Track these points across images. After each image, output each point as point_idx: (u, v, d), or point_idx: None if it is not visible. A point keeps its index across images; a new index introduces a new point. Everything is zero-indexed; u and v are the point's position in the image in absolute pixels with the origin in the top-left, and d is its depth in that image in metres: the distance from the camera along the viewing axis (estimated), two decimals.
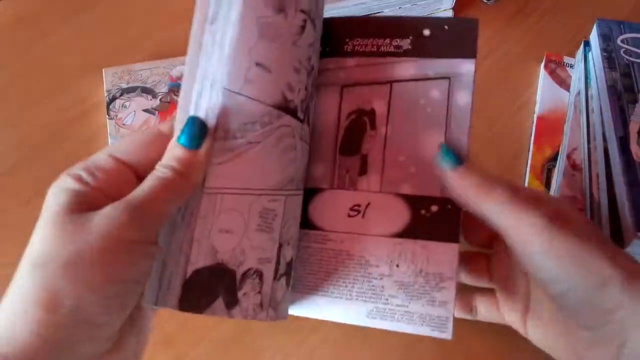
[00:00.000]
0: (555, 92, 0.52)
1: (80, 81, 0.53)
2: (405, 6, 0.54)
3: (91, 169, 0.27)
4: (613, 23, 0.50)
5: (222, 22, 0.30)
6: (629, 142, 0.43)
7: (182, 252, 0.28)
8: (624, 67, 0.47)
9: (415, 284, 0.34)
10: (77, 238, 0.24)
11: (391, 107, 0.35)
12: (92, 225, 0.24)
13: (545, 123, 0.51)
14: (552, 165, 0.48)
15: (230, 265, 0.29)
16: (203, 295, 0.28)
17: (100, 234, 0.24)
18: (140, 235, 0.25)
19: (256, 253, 0.30)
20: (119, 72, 0.52)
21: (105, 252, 0.24)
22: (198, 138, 0.27)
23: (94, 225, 0.24)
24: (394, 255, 0.34)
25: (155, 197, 0.26)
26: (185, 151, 0.27)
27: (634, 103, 0.45)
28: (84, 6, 0.59)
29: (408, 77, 0.35)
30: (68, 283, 0.23)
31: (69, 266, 0.24)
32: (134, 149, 0.28)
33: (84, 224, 0.24)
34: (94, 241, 0.24)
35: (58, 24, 0.57)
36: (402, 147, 0.35)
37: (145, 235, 0.25)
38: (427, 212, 0.34)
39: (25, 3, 0.59)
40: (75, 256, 0.24)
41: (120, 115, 0.49)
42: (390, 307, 0.34)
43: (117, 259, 0.24)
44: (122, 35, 0.57)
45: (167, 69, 0.52)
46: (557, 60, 0.54)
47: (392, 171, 0.35)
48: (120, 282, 0.25)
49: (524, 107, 0.53)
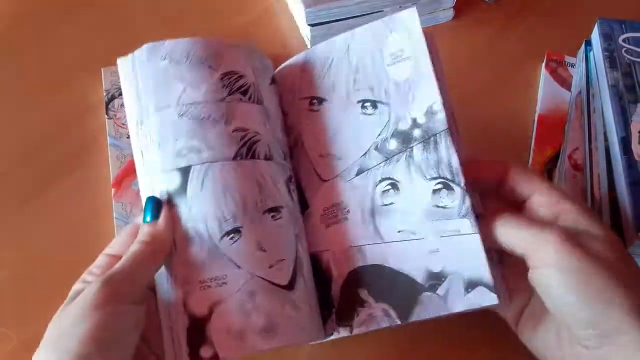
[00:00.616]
0: (556, 92, 0.52)
1: (79, 81, 0.53)
2: (406, 5, 0.54)
3: (91, 270, 0.34)
4: (614, 22, 0.50)
5: (147, 122, 0.36)
6: (631, 142, 0.43)
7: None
8: (626, 66, 0.47)
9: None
10: (62, 321, 0.30)
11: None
12: (73, 304, 0.30)
13: (546, 123, 0.51)
14: (553, 166, 0.48)
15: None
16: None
17: (79, 308, 0.29)
18: (117, 299, 0.30)
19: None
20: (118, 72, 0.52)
21: (84, 318, 0.29)
22: (155, 211, 0.34)
23: (75, 304, 0.30)
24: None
25: (129, 266, 0.32)
26: (147, 225, 0.34)
27: (636, 103, 0.45)
28: (82, 5, 0.58)
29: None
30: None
31: (56, 345, 0.29)
32: (119, 244, 0.35)
33: (69, 307, 0.30)
34: (73, 316, 0.29)
35: (57, 24, 0.57)
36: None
37: (121, 298, 0.30)
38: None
39: (24, 2, 0.58)
40: (58, 335, 0.30)
41: (120, 115, 0.49)
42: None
43: (94, 322, 0.29)
44: (121, 34, 0.57)
45: None
46: (558, 59, 0.54)
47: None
48: (108, 341, 0.29)
49: (525, 106, 0.53)
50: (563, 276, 0.29)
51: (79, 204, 0.47)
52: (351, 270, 0.36)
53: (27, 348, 0.40)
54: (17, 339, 0.41)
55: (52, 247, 0.45)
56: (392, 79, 0.37)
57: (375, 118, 0.37)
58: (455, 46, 0.57)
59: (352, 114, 0.38)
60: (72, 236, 0.45)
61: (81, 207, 0.47)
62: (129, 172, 0.46)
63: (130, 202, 0.45)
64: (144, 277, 0.33)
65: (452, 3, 0.56)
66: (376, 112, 0.37)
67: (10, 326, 0.41)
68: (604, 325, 0.29)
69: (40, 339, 0.40)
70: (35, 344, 0.40)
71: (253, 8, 0.58)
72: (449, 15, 0.58)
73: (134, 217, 0.44)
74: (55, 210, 0.46)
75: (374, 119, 0.37)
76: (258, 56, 0.39)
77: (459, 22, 0.58)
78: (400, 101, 0.36)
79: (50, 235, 0.45)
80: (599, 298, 0.29)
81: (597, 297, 0.29)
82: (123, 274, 0.31)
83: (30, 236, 0.45)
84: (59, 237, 0.45)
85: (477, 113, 0.52)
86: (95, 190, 0.47)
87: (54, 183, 0.48)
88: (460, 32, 0.58)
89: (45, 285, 0.43)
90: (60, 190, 0.47)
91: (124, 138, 0.48)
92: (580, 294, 0.29)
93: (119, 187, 0.46)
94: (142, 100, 0.36)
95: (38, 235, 0.45)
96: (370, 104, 0.37)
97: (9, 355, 0.40)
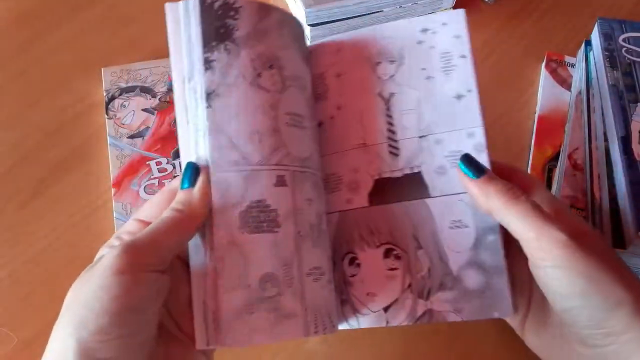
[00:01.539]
0: (556, 92, 0.52)
1: (79, 81, 0.53)
2: (406, 5, 0.54)
3: (120, 233, 0.32)
4: (614, 22, 0.50)
5: (196, 77, 0.33)
6: (631, 141, 0.43)
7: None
8: (626, 66, 0.47)
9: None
10: (81, 288, 0.28)
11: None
12: (94, 269, 0.28)
13: (546, 122, 0.51)
14: (553, 165, 0.48)
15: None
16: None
17: (98, 275, 0.28)
18: (138, 267, 0.28)
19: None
20: (117, 72, 0.52)
21: (102, 288, 0.27)
22: (193, 178, 0.32)
23: (96, 269, 0.28)
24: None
25: (156, 234, 0.30)
26: (183, 192, 0.32)
27: (636, 102, 0.45)
28: (82, 5, 0.58)
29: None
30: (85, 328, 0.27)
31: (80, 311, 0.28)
32: (151, 208, 0.33)
33: (88, 274, 0.29)
34: (91, 283, 0.28)
35: (57, 23, 0.57)
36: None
37: (142, 267, 0.29)
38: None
39: (23, 2, 0.58)
40: (76, 307, 0.28)
41: (120, 114, 0.49)
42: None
43: (113, 292, 0.27)
44: (121, 34, 0.57)
45: (166, 69, 0.52)
46: (558, 59, 0.54)
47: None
48: (126, 311, 0.27)
49: (525, 106, 0.53)
50: (570, 276, 0.29)
51: (79, 204, 0.47)
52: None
53: (28, 348, 0.41)
54: (17, 339, 0.41)
55: (52, 247, 0.45)
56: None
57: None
58: None
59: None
60: (72, 236, 0.45)
61: (81, 207, 0.47)
62: (129, 172, 0.46)
63: (130, 202, 0.45)
64: (172, 246, 0.31)
65: (452, 3, 0.56)
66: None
67: (10, 326, 0.41)
68: (611, 324, 0.29)
69: (40, 339, 0.40)
70: (35, 344, 0.41)
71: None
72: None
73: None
74: (55, 210, 0.46)
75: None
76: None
77: None
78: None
79: (50, 235, 0.45)
80: (606, 298, 0.29)
81: (604, 297, 0.29)
82: (147, 241, 0.30)
83: (30, 236, 0.45)
84: (59, 237, 0.45)
85: None
86: (95, 190, 0.47)
87: (54, 183, 0.48)
88: None
89: (45, 285, 0.43)
90: (60, 190, 0.47)
91: (124, 138, 0.48)
92: (586, 294, 0.29)
93: (119, 187, 0.46)
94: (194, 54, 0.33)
95: (38, 235, 0.45)
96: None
97: (9, 355, 0.40)
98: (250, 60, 0.33)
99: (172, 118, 0.49)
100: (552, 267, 0.30)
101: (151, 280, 0.29)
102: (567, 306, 0.30)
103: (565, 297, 0.30)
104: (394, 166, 0.36)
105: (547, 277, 0.30)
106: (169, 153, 0.47)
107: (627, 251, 0.40)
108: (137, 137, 0.48)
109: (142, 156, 0.47)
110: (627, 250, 0.40)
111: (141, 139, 0.48)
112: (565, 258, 0.29)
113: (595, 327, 0.29)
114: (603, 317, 0.29)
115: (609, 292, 0.29)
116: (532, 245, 0.30)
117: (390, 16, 0.55)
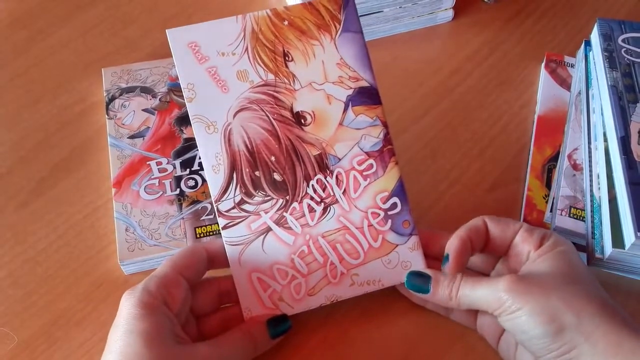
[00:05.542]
0: (555, 92, 0.52)
1: (79, 81, 0.53)
2: (406, 5, 0.54)
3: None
4: (614, 22, 0.50)
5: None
6: (630, 142, 0.43)
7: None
8: (625, 66, 0.47)
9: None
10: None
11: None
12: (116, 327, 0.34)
13: (545, 123, 0.51)
14: (552, 165, 0.48)
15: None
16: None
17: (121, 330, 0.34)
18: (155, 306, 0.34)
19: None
20: (118, 72, 0.52)
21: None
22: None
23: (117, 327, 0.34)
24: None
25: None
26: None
27: (635, 103, 0.45)
28: (82, 5, 0.58)
29: None
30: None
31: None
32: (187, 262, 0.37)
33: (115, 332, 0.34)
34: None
35: (57, 24, 0.57)
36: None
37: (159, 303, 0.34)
38: None
39: (24, 2, 0.58)
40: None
41: (120, 114, 0.49)
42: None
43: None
44: (122, 34, 0.57)
45: (166, 69, 0.52)
46: (557, 59, 0.54)
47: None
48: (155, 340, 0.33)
49: (524, 106, 0.53)
50: (513, 319, 0.34)
51: (79, 204, 0.47)
52: None
53: (28, 348, 0.41)
54: (17, 339, 0.41)
55: (52, 247, 0.45)
56: None
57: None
58: (455, 46, 0.57)
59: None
60: (72, 236, 0.45)
61: (81, 207, 0.47)
62: (130, 172, 0.46)
63: (130, 202, 0.45)
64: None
65: (452, 3, 0.57)
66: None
67: (10, 326, 0.41)
68: (556, 345, 0.33)
69: (40, 339, 0.41)
70: (36, 344, 0.41)
71: (253, 9, 0.58)
72: (449, 16, 0.58)
73: (134, 217, 0.44)
74: (55, 210, 0.46)
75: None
76: None
77: (458, 23, 0.58)
78: None
79: (50, 235, 0.45)
80: (546, 327, 0.33)
81: (544, 328, 0.33)
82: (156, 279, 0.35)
83: (30, 236, 0.45)
84: (59, 237, 0.45)
85: (477, 113, 0.53)
86: (95, 190, 0.47)
87: (54, 183, 0.48)
88: (460, 32, 0.58)
89: (45, 285, 0.43)
90: (61, 190, 0.47)
91: (124, 138, 0.48)
92: (527, 329, 0.34)
93: (119, 187, 0.46)
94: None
95: (38, 235, 0.45)
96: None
97: (9, 355, 0.40)
98: None
99: (172, 118, 0.49)
100: (500, 316, 0.35)
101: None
102: (522, 339, 0.35)
103: (519, 333, 0.35)
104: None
105: (506, 325, 0.35)
106: (169, 153, 0.47)
107: (627, 251, 0.40)
108: (137, 137, 0.48)
109: (142, 156, 0.47)
110: (626, 251, 0.40)
111: (141, 139, 0.48)
112: (507, 309, 0.34)
113: (547, 351, 0.34)
114: (553, 343, 0.33)
115: (552, 320, 0.33)
116: (483, 306, 0.36)
117: (390, 16, 0.55)
